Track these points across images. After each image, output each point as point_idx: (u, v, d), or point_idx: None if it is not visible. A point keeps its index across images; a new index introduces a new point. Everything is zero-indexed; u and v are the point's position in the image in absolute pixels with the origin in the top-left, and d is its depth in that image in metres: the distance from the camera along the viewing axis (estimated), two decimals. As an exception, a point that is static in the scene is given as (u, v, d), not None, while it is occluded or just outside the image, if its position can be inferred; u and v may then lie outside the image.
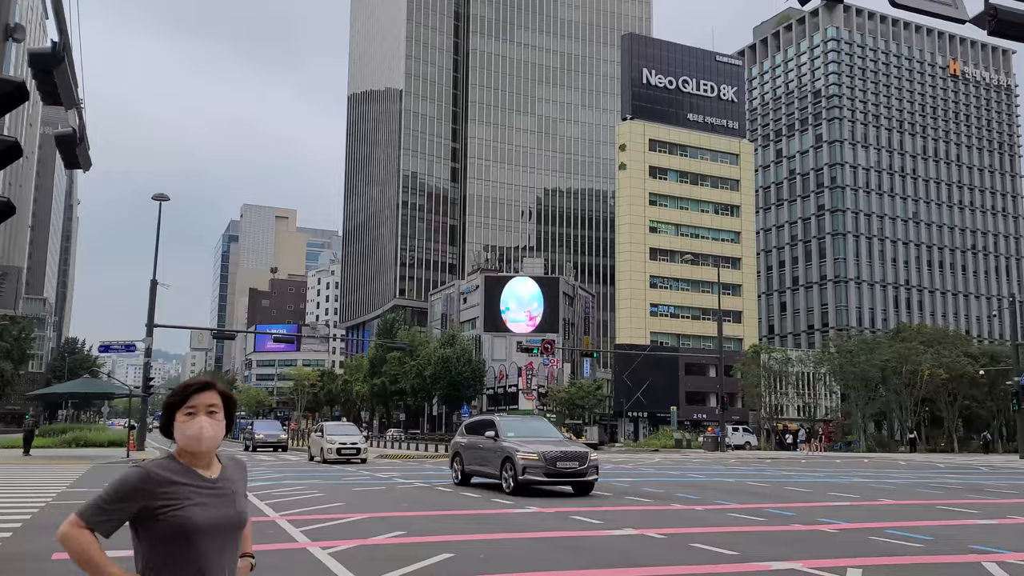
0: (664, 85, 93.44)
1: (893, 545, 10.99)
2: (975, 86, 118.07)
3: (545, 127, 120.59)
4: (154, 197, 35.62)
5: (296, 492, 17.60)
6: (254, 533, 10.81)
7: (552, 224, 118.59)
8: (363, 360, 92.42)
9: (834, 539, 11.67)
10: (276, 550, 9.84)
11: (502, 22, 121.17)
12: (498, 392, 78.81)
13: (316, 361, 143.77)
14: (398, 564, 8.88)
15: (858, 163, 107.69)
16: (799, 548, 10.59)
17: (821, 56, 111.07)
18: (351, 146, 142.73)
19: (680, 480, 22.92)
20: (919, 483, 24.12)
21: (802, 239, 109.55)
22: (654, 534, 11.48)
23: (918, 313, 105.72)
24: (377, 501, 15.89)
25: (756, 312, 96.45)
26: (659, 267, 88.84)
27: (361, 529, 11.61)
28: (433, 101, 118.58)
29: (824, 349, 70.02)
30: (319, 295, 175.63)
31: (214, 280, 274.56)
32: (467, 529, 11.95)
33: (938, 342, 63.51)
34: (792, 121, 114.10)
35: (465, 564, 9.05)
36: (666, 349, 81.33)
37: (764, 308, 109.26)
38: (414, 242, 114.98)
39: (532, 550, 10.25)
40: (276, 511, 13.69)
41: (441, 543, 10.41)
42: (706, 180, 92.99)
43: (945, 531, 12.56)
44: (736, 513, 14.51)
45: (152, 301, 36.42)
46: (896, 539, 11.46)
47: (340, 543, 10.20)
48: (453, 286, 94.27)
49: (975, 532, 12.49)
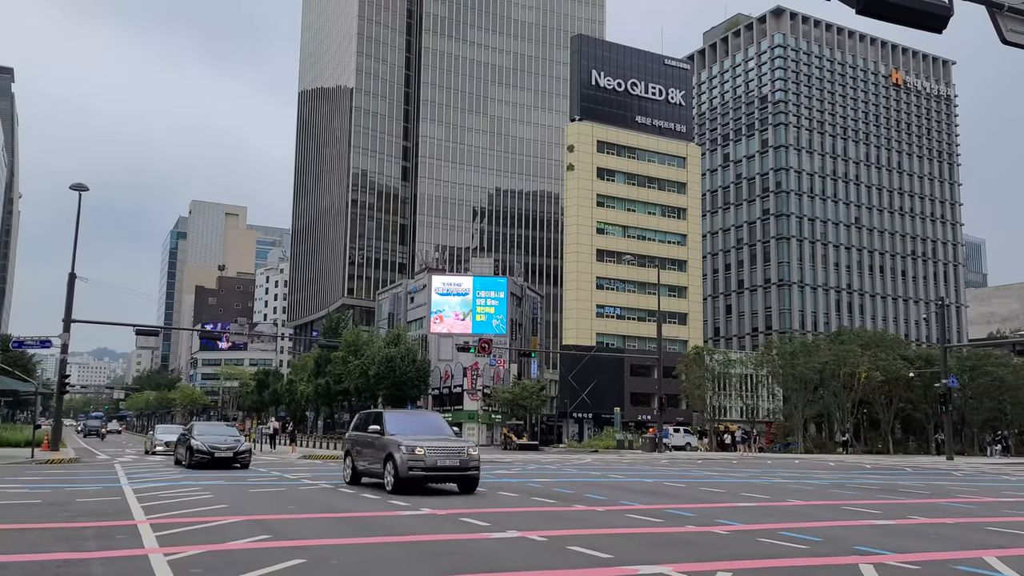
0: (613, 87, 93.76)
1: (778, 547, 10.74)
2: (916, 95, 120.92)
3: (497, 127, 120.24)
4: (72, 187, 34.24)
5: (187, 494, 16.79)
6: (105, 538, 10.06)
7: (502, 224, 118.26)
8: (308, 360, 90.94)
9: (721, 541, 11.38)
10: (110, 558, 9.16)
11: (455, 21, 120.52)
12: (443, 392, 78.09)
13: (264, 360, 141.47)
14: (238, 571, 8.28)
15: (802, 168, 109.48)
16: (680, 551, 10.27)
17: (768, 62, 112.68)
18: (301, 143, 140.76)
19: (598, 481, 22.59)
20: (838, 483, 24.17)
21: (747, 243, 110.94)
22: (536, 536, 11.04)
23: (859, 317, 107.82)
24: (266, 503, 15.21)
25: (701, 314, 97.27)
26: (606, 268, 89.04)
27: (224, 533, 10.95)
28: (384, 99, 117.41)
29: (765, 351, 70.75)
30: (267, 293, 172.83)
31: (161, 277, 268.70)
32: (340, 533, 11.37)
33: (875, 345, 64.59)
34: (739, 126, 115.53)
35: (312, 571, 8.48)
36: (612, 350, 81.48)
37: (710, 311, 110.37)
38: (363, 241, 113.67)
39: (393, 556, 9.72)
40: (148, 514, 12.94)
41: (300, 548, 9.82)
42: (653, 183, 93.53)
43: (838, 532, 12.38)
44: (635, 514, 14.17)
45: (70, 295, 34.97)
46: (785, 541, 11.22)
47: (190, 549, 9.55)
48: (400, 285, 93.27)
49: (867, 533, 12.33)
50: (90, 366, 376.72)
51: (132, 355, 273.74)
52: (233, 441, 27.12)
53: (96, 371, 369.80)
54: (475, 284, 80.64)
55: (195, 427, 29.21)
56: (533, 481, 22.06)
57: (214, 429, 29.64)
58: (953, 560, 9.96)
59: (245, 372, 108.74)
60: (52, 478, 21.55)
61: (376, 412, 19.02)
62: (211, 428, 30.12)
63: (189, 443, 26.57)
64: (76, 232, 35.45)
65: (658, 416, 52.84)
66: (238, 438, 28.18)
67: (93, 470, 25.65)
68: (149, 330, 44.56)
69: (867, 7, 8.38)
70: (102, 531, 11.16)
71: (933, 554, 10.52)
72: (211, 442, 26.31)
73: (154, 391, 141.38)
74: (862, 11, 8.50)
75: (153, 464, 29.59)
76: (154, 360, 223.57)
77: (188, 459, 26.20)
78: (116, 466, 27.63)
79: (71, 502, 15.11)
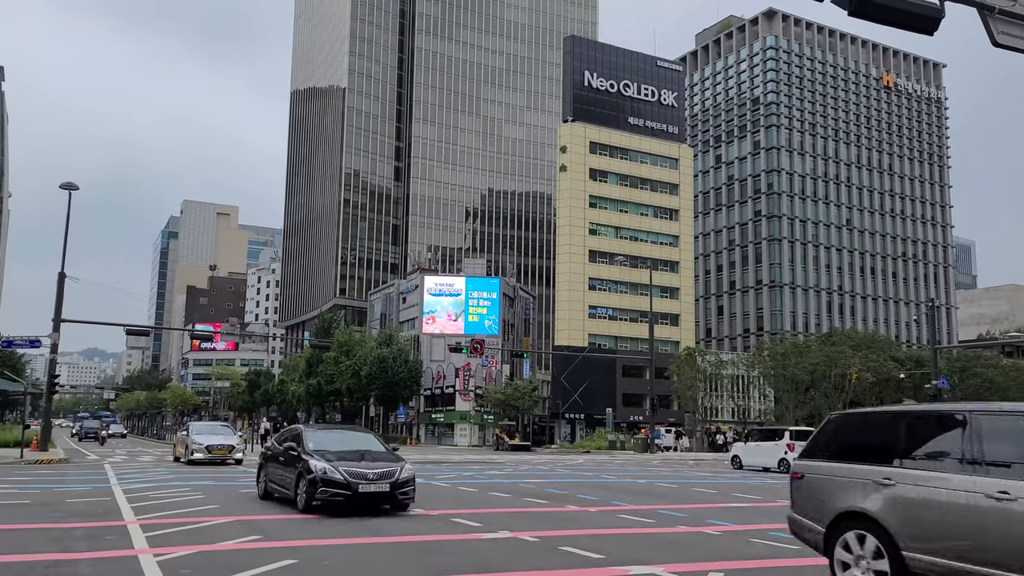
0: (606, 88, 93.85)
1: (770, 547, 10.79)
2: (907, 98, 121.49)
3: (489, 128, 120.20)
4: (62, 186, 34.08)
5: (177, 494, 16.71)
6: (94, 539, 10.01)
7: (495, 225, 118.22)
8: (300, 360, 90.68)
9: (712, 541, 11.40)
10: (99, 559, 9.12)
11: (448, 22, 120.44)
12: (436, 393, 77.96)
13: (255, 361, 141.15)
14: (228, 572, 8.25)
15: (794, 170, 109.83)
16: (671, 551, 10.29)
17: (760, 64, 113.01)
18: (293, 143, 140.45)
19: (590, 482, 22.60)
20: None
21: (739, 244, 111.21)
22: (528, 537, 11.04)
23: (850, 318, 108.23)
24: (257, 504, 15.14)
25: (693, 316, 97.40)
26: (598, 269, 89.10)
27: (215, 534, 10.90)
28: (377, 99, 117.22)
29: (756, 352, 70.92)
30: (259, 293, 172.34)
31: (152, 277, 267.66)
32: (332, 534, 11.33)
33: (866, 346, 64.79)
34: (731, 127, 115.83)
35: (303, 572, 8.45)
36: (604, 351, 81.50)
37: (702, 312, 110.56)
38: (356, 241, 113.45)
39: (383, 556, 9.70)
40: (138, 515, 12.88)
41: (292, 548, 9.80)
42: (646, 184, 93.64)
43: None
44: (627, 515, 14.19)
45: (59, 295, 34.79)
46: (776, 541, 11.27)
47: (180, 549, 9.51)
48: (392, 286, 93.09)
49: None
50: (80, 366, 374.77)
51: (123, 355, 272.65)
52: (386, 465, 13.95)
53: (86, 371, 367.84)
54: (467, 285, 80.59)
55: (306, 434, 15.14)
56: (525, 482, 22.06)
57: (342, 438, 15.77)
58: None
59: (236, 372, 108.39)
60: (41, 478, 21.42)
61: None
62: (336, 436, 15.83)
63: (302, 464, 13.99)
64: (66, 231, 35.29)
65: (650, 417, 52.90)
66: (390, 457, 14.80)
67: (83, 470, 25.51)
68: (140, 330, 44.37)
69: (859, 9, 8.42)
70: (91, 532, 11.10)
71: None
72: (351, 468, 13.61)
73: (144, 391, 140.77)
74: (854, 13, 8.54)
75: (144, 464, 29.40)
76: (145, 360, 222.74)
77: (306, 493, 13.59)
78: (106, 466, 27.48)
79: (60, 502, 15.02)
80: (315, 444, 14.51)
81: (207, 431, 30.12)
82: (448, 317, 79.01)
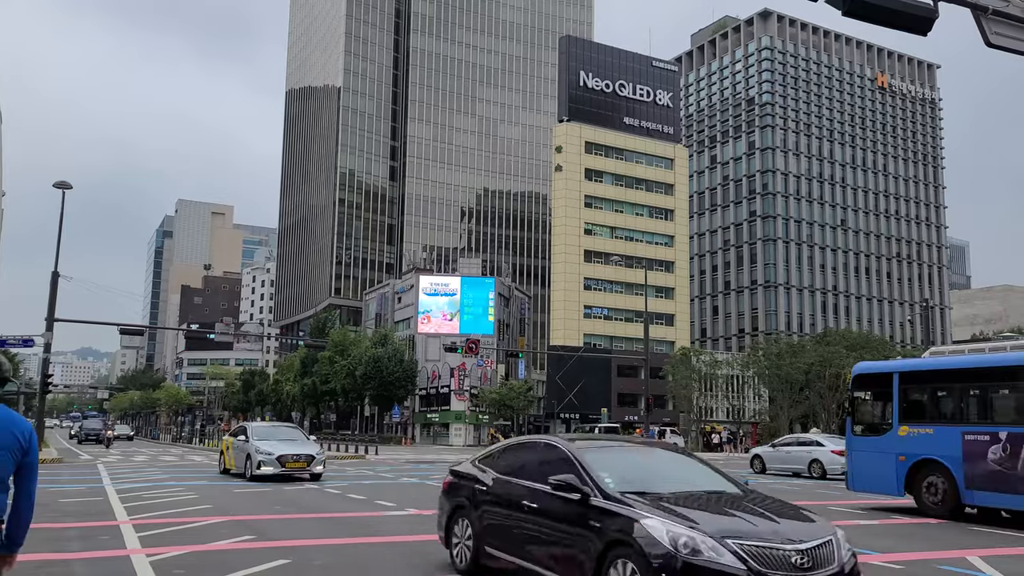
0: (601, 88, 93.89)
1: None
2: (902, 99, 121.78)
3: (485, 128, 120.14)
4: (55, 185, 33.94)
5: (171, 494, 16.66)
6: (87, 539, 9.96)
7: (490, 225, 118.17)
8: (295, 360, 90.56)
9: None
10: (92, 559, 9.09)
11: (443, 21, 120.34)
12: (431, 393, 77.89)
13: (250, 360, 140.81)
14: (221, 572, 8.22)
15: (789, 170, 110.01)
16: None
17: (755, 65, 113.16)
18: (288, 142, 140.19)
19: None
20: (823, 484, 24.30)
21: (734, 244, 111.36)
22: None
23: (845, 318, 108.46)
24: (250, 504, 15.11)
25: (688, 316, 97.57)
26: (593, 269, 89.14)
27: (208, 534, 10.86)
28: (372, 98, 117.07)
29: (751, 352, 71.05)
30: (254, 293, 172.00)
31: (147, 276, 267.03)
32: (325, 533, 11.30)
33: (860, 346, 64.95)
34: (726, 128, 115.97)
35: (296, 572, 8.43)
36: (599, 351, 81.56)
37: (697, 312, 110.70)
38: (351, 240, 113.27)
39: (376, 556, 9.69)
40: (131, 515, 12.84)
41: (285, 548, 9.77)
42: (641, 184, 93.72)
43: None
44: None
45: (53, 294, 34.64)
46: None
47: (173, 549, 9.48)
48: (388, 285, 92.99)
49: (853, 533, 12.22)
50: (74, 365, 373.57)
51: (117, 355, 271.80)
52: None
53: (80, 371, 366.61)
54: (463, 284, 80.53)
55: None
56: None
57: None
58: (937, 560, 10.02)
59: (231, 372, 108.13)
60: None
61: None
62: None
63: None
64: (59, 230, 35.14)
65: (645, 417, 52.89)
66: None
67: (76, 470, 25.42)
68: (134, 329, 44.24)
69: (852, 9, 8.43)
70: (84, 532, 11.06)
71: (917, 554, 10.58)
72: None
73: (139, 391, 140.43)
74: (848, 13, 8.55)
75: (138, 464, 29.29)
76: (139, 360, 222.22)
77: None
78: (99, 466, 27.39)
79: (53, 503, 14.96)
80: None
81: (272, 435, 22.48)
82: (443, 317, 78.95)
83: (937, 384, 15.86)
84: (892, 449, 15.92)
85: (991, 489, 14.22)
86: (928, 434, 15.36)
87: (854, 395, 17.39)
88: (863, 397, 17.43)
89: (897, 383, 16.14)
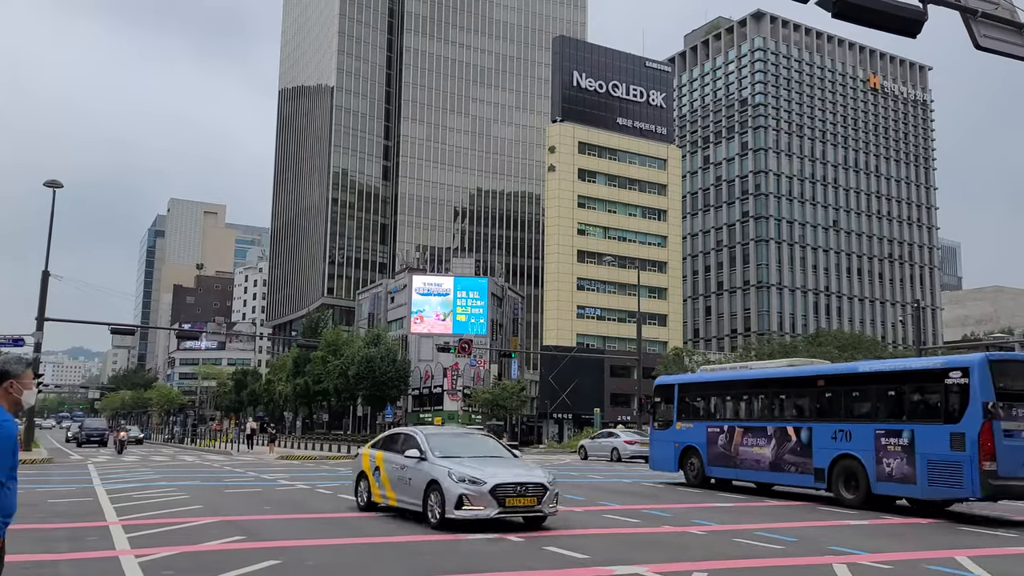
0: (594, 89, 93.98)
1: (754, 547, 10.82)
2: (894, 100, 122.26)
3: (478, 128, 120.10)
4: (46, 183, 33.83)
5: (161, 495, 16.61)
6: (76, 540, 9.92)
7: (483, 225, 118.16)
8: (287, 359, 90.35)
9: (697, 541, 11.44)
10: (81, 559, 9.06)
11: (437, 21, 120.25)
12: (424, 393, 77.89)
13: (242, 360, 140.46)
14: (211, 573, 8.20)
15: (781, 171, 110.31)
16: (656, 551, 10.31)
17: (748, 66, 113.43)
18: (281, 142, 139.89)
19: (577, 482, 22.62)
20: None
21: (727, 244, 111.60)
22: (513, 537, 11.05)
23: (837, 319, 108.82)
24: (241, 504, 15.08)
25: (681, 316, 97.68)
26: (586, 269, 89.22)
27: (198, 534, 10.84)
28: (365, 98, 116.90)
29: (743, 352, 71.22)
30: (246, 293, 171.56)
31: (139, 276, 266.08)
32: (316, 534, 11.29)
33: (852, 347, 65.29)
34: (719, 128, 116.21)
35: (287, 572, 8.42)
36: (592, 351, 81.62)
37: (689, 312, 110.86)
38: (344, 240, 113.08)
39: (367, 557, 9.68)
40: (121, 515, 12.80)
41: (276, 549, 9.75)
42: (634, 184, 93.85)
43: (813, 532, 12.47)
44: (613, 515, 14.21)
45: (43, 293, 34.53)
46: (760, 541, 11.30)
47: (162, 550, 9.46)
48: (381, 285, 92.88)
49: (842, 533, 12.43)
50: (65, 365, 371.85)
51: (108, 354, 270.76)
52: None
53: (71, 370, 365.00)
54: (456, 284, 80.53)
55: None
56: (512, 482, 22.02)
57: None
58: (925, 560, 10.07)
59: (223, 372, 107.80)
60: (24, 479, 21.21)
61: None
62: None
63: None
64: (50, 229, 35.04)
65: (638, 416, 52.95)
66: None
67: (66, 470, 25.33)
68: (125, 329, 44.08)
69: (842, 11, 8.49)
70: (73, 532, 11.02)
71: (906, 554, 10.63)
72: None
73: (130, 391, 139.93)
74: (837, 15, 8.61)
75: (129, 464, 29.20)
76: (130, 359, 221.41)
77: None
78: (89, 466, 27.29)
79: (43, 503, 14.91)
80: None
81: (464, 447, 13.51)
82: (436, 317, 78.94)
83: (697, 392, 22.05)
84: (672, 439, 21.99)
85: (720, 465, 20.28)
86: (690, 428, 21.44)
87: (654, 400, 23.32)
88: (657, 401, 23.15)
89: (677, 392, 22.20)
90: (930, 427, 15.16)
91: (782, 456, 18.26)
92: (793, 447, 18.02)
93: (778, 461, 18.34)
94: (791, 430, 18.22)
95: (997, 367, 14.78)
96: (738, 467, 19.55)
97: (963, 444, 14.45)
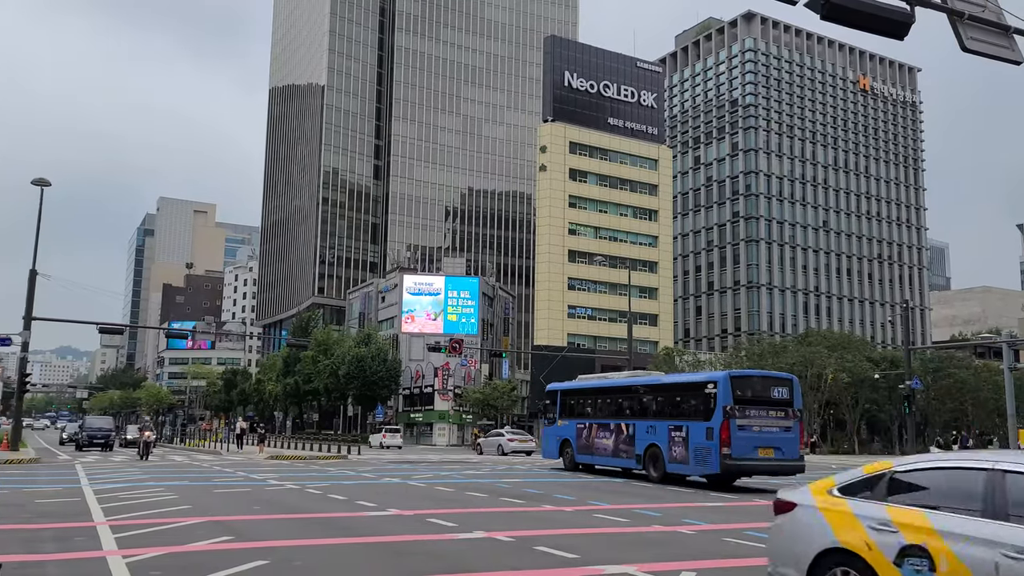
0: (586, 89, 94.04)
1: (743, 547, 10.84)
2: (883, 101, 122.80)
3: (469, 127, 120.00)
4: (33, 182, 33.61)
5: (150, 495, 16.53)
6: (63, 540, 9.86)
7: (474, 224, 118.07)
8: (277, 359, 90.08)
9: (687, 540, 11.46)
10: (67, 560, 9.00)
11: (428, 20, 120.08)
12: (414, 392, 77.79)
13: (232, 360, 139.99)
14: (198, 573, 8.17)
15: (772, 172, 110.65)
16: (645, 550, 10.32)
17: (739, 66, 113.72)
18: (272, 141, 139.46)
19: (568, 481, 22.63)
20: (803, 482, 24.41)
21: (717, 245, 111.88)
22: (503, 537, 11.03)
23: (827, 319, 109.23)
24: (230, 504, 15.02)
25: (672, 316, 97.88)
26: (577, 269, 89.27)
27: (186, 535, 10.78)
28: (356, 97, 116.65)
29: (734, 352, 71.39)
30: (236, 292, 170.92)
31: (128, 275, 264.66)
32: (305, 534, 11.25)
33: (842, 347, 65.41)
34: (710, 129, 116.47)
35: (275, 573, 8.38)
36: (583, 351, 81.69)
37: (680, 312, 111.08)
38: (334, 239, 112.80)
39: (356, 557, 9.65)
40: (108, 516, 12.72)
41: (264, 549, 9.71)
42: (625, 184, 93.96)
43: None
44: (603, 514, 14.22)
45: (31, 292, 34.30)
46: (750, 540, 11.32)
47: (150, 550, 9.40)
48: (371, 285, 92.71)
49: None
50: (53, 364, 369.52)
51: (96, 354, 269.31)
52: None
53: (59, 370, 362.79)
54: (447, 284, 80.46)
55: None
56: (502, 482, 22.05)
57: None
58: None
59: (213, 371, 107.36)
60: (11, 479, 21.11)
61: None
62: None
63: None
64: (38, 228, 34.82)
65: (628, 416, 52.93)
66: None
67: (53, 470, 25.17)
68: (114, 328, 43.83)
69: (830, 13, 8.53)
70: (60, 533, 10.95)
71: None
72: None
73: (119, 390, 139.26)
74: (826, 16, 8.65)
75: (117, 464, 29.03)
76: (119, 359, 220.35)
77: None
78: (77, 467, 27.13)
79: (29, 503, 14.82)
80: None
81: None
82: (427, 316, 78.84)
83: (572, 396, 27.84)
84: (556, 434, 27.97)
85: (584, 453, 26.10)
86: (567, 425, 27.28)
87: (545, 402, 29.57)
88: (548, 403, 29.01)
89: (559, 396, 28.10)
90: (696, 423, 21.05)
91: (619, 446, 24.29)
92: (625, 439, 24.02)
93: (616, 449, 24.40)
94: (624, 425, 24.29)
95: (736, 381, 20.96)
96: (594, 454, 25.56)
97: (712, 435, 20.23)
